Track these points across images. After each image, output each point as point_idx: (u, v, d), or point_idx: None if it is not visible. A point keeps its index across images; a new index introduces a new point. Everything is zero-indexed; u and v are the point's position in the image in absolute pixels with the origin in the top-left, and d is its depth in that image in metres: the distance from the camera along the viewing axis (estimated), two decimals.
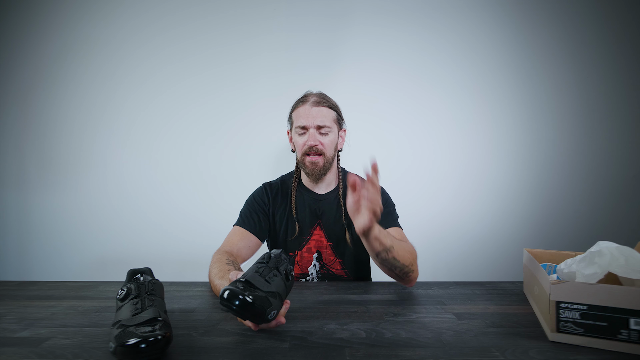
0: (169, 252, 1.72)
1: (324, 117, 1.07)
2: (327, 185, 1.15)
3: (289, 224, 1.12)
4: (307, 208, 1.13)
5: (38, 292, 0.92)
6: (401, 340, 0.65)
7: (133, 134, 1.74)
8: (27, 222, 1.75)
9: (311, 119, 1.06)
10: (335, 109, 1.11)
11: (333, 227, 1.13)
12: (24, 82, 1.73)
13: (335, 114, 1.10)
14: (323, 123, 1.06)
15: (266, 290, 0.63)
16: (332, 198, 1.14)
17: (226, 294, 0.59)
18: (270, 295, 0.64)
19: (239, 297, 0.58)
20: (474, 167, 1.75)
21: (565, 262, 0.76)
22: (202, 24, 1.73)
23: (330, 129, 1.08)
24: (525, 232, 1.74)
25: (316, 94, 1.12)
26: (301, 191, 1.15)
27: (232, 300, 0.58)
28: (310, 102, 1.08)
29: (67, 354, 0.59)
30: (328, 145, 1.08)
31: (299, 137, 1.09)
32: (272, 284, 0.65)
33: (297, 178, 1.16)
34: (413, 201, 1.72)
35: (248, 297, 0.59)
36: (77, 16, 1.73)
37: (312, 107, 1.07)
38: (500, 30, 1.74)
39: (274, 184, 1.17)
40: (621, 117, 1.73)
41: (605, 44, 1.73)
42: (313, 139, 1.05)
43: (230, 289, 0.60)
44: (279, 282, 0.67)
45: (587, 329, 0.61)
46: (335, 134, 1.11)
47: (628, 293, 0.59)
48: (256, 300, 0.60)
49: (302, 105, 1.09)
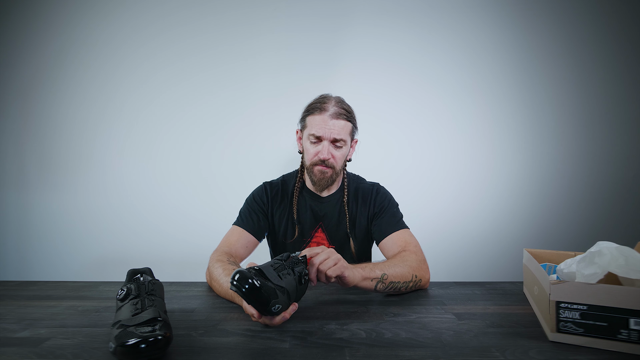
0: (169, 252, 1.72)
1: (341, 130, 1.02)
2: (329, 189, 1.13)
3: (288, 225, 1.11)
4: (308, 210, 1.11)
5: (38, 292, 0.92)
6: (401, 340, 0.65)
7: (133, 134, 1.74)
8: (27, 222, 1.75)
9: (328, 132, 1.01)
10: (352, 120, 1.06)
11: (335, 231, 1.12)
12: (24, 82, 1.73)
13: (352, 126, 1.06)
14: (339, 137, 1.02)
15: (276, 283, 0.65)
16: (335, 201, 1.12)
17: (237, 276, 0.62)
18: (279, 289, 0.65)
19: (247, 280, 0.61)
20: (473, 167, 1.75)
21: (565, 262, 0.76)
22: (202, 24, 1.73)
23: (344, 142, 1.04)
24: (525, 232, 1.74)
25: (336, 102, 1.05)
26: (303, 193, 1.13)
27: (242, 282, 0.61)
28: (329, 113, 1.01)
29: (67, 354, 0.59)
30: (339, 158, 1.05)
31: (311, 145, 1.04)
32: (283, 280, 0.67)
33: (300, 179, 1.14)
34: (413, 201, 1.72)
35: (256, 282, 0.61)
36: (77, 16, 1.73)
37: (331, 120, 1.01)
38: (501, 30, 1.74)
39: (275, 184, 1.15)
40: (621, 117, 1.73)
41: (605, 44, 1.73)
42: (326, 153, 1.02)
43: (241, 271, 0.62)
44: (290, 281, 0.68)
45: (587, 329, 0.61)
46: (348, 147, 1.07)
47: (628, 293, 0.59)
48: (263, 287, 0.62)
49: (319, 113, 1.02)
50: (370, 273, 0.82)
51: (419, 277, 0.90)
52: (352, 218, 1.11)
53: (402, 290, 0.88)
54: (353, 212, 1.11)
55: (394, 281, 0.85)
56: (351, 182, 1.15)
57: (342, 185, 1.14)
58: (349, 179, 1.16)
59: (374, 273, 0.82)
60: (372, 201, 1.10)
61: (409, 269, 0.88)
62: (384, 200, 1.11)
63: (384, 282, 0.83)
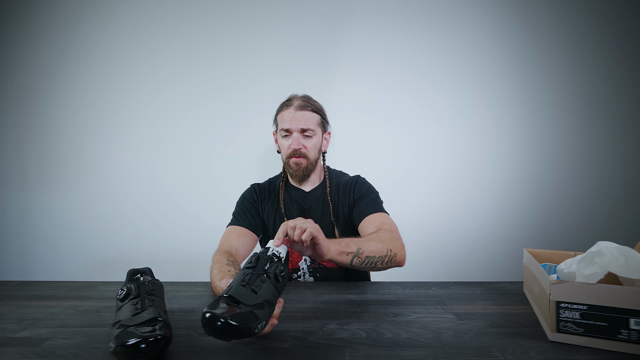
0: (169, 252, 1.72)
1: (308, 120, 1.09)
2: (312, 183, 1.19)
3: (277, 220, 1.15)
4: (294, 204, 1.16)
5: (38, 292, 0.92)
6: (401, 340, 0.65)
7: (133, 134, 1.74)
8: (27, 222, 1.75)
9: (295, 123, 1.08)
10: (319, 112, 1.13)
11: (321, 222, 1.12)
12: (24, 82, 1.73)
13: (319, 117, 1.13)
14: (307, 126, 1.09)
15: (252, 304, 0.58)
16: (318, 194, 1.17)
17: (203, 320, 0.55)
18: (257, 307, 0.59)
19: (216, 323, 0.54)
20: (473, 167, 1.75)
21: (565, 262, 0.76)
22: (202, 24, 1.73)
23: (313, 132, 1.11)
24: (525, 232, 1.74)
25: (300, 97, 1.13)
26: (288, 190, 1.19)
27: (211, 326, 0.54)
28: (294, 106, 1.10)
29: (67, 354, 0.59)
30: (311, 148, 1.11)
31: (283, 140, 1.12)
32: (259, 294, 0.61)
33: (284, 178, 1.20)
34: (412, 201, 1.72)
35: (230, 320, 0.54)
36: (77, 16, 1.73)
37: (296, 111, 1.09)
38: (500, 30, 1.74)
39: (262, 185, 1.22)
40: (621, 117, 1.73)
41: (605, 44, 1.73)
42: (297, 143, 1.08)
43: (209, 314, 0.55)
44: (267, 288, 0.63)
45: (587, 329, 0.61)
46: (319, 137, 1.14)
47: (628, 293, 0.59)
48: (241, 319, 0.55)
49: (286, 109, 1.11)
50: (345, 247, 0.84)
51: (393, 251, 0.91)
52: (335, 208, 1.15)
53: (377, 266, 0.90)
54: (335, 202, 1.16)
55: (370, 255, 0.87)
56: (333, 176, 1.21)
57: (323, 179, 1.20)
58: (330, 173, 1.22)
59: (350, 248, 0.84)
60: (352, 190, 1.15)
61: (384, 244, 0.90)
62: (362, 187, 1.16)
63: (359, 256, 0.85)
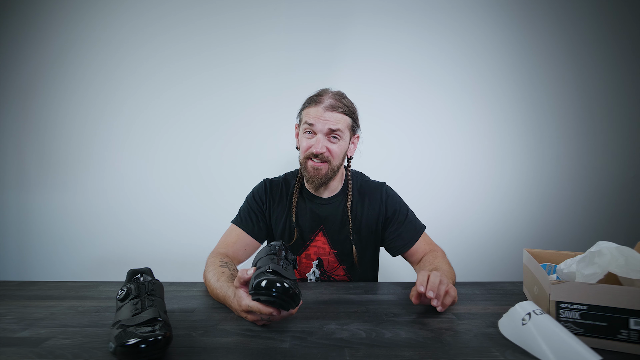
0: (169, 252, 1.72)
1: (337, 122, 0.96)
2: (330, 191, 1.06)
3: (286, 227, 1.06)
4: (308, 212, 1.05)
5: (38, 292, 0.92)
6: (401, 340, 0.65)
7: (133, 134, 1.74)
8: (27, 222, 1.75)
9: (322, 123, 0.95)
10: (351, 114, 1.00)
11: (338, 235, 1.05)
12: (24, 82, 1.73)
13: (351, 121, 1.00)
14: (335, 127, 0.96)
15: (293, 278, 0.65)
16: (338, 203, 1.06)
17: (264, 283, 0.60)
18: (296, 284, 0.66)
19: (276, 285, 0.59)
20: (474, 167, 1.75)
21: (565, 262, 0.76)
22: (202, 24, 1.73)
23: (341, 135, 0.98)
24: (525, 232, 1.74)
25: (333, 94, 1.00)
26: (303, 194, 1.07)
27: (271, 288, 0.59)
28: (324, 105, 0.96)
29: (67, 354, 0.59)
30: (336, 153, 0.98)
31: (304, 136, 0.99)
32: (289, 273, 0.67)
33: (299, 179, 1.08)
34: (413, 202, 1.70)
35: (286, 283, 0.60)
36: (77, 16, 1.73)
37: (325, 112, 0.96)
38: (501, 30, 1.74)
39: (276, 181, 1.10)
40: (621, 117, 1.73)
41: (605, 44, 1.73)
42: (320, 146, 0.96)
43: (267, 279, 0.60)
44: (292, 272, 0.69)
45: (587, 329, 0.61)
46: (347, 142, 1.01)
47: (628, 293, 0.59)
48: (292, 285, 0.61)
49: (314, 106, 0.97)
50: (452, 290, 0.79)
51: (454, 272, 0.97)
52: (357, 224, 1.05)
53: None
54: (358, 216, 1.05)
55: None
56: (355, 181, 1.08)
57: (345, 185, 1.08)
58: (353, 178, 1.09)
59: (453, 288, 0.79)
60: (383, 205, 1.06)
61: (450, 269, 0.96)
62: (394, 203, 1.07)
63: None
